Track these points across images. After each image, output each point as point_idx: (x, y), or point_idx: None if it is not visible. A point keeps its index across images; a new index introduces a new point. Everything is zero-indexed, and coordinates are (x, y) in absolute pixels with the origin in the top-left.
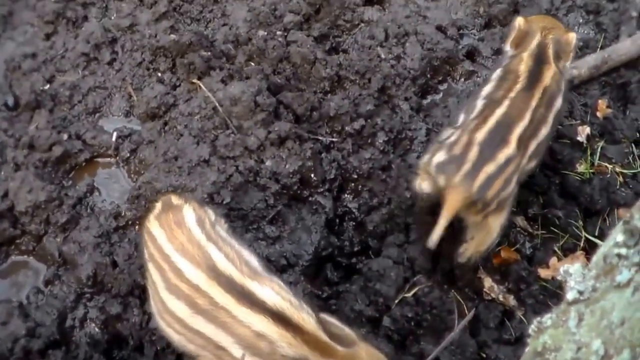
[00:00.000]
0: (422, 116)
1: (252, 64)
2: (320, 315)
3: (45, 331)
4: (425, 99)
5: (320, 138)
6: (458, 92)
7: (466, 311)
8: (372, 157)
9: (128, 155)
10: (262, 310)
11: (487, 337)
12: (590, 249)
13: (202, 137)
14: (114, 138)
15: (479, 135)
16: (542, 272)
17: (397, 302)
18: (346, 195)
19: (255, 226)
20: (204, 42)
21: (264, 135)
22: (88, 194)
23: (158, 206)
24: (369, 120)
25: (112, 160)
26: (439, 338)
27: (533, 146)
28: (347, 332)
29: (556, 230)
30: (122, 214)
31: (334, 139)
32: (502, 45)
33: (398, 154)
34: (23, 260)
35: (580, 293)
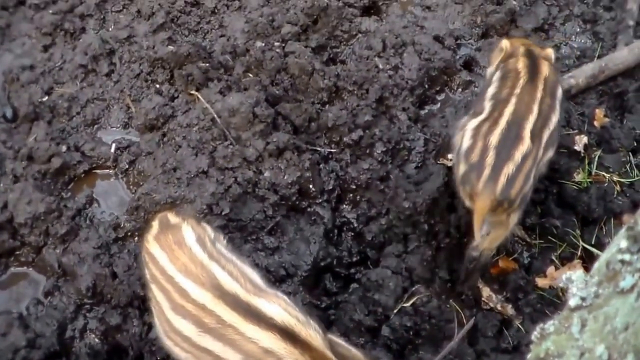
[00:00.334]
0: (420, 126)
1: (250, 75)
2: (328, 335)
3: (45, 342)
4: (423, 109)
5: (318, 149)
6: (456, 102)
7: (464, 320)
8: (370, 167)
9: (127, 166)
10: (270, 326)
11: (486, 346)
12: (587, 258)
13: (200, 149)
14: (112, 149)
15: (492, 138)
16: (540, 281)
17: (395, 312)
18: (344, 206)
19: (254, 237)
20: (202, 53)
21: (262, 146)
22: (87, 206)
23: (155, 225)
24: (367, 131)
25: (111, 171)
26: (437, 347)
27: (546, 136)
28: (354, 352)
29: (554, 240)
30: (122, 225)
31: (332, 150)
32: (488, 65)
33: (396, 164)
34: (23, 272)
35: (583, 299)
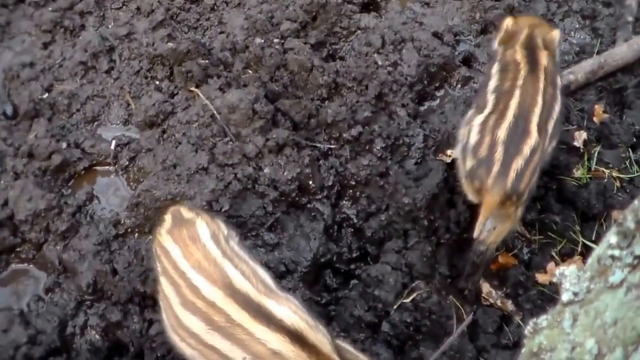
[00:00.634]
0: (419, 122)
1: (250, 71)
2: (336, 340)
3: (46, 338)
4: (422, 106)
5: (318, 145)
6: (455, 98)
7: (464, 316)
8: (370, 163)
9: (127, 163)
10: (279, 328)
11: (486, 342)
12: (587, 254)
13: (200, 145)
14: (112, 146)
15: (500, 133)
16: (540, 277)
17: (395, 308)
18: (344, 202)
19: (254, 233)
20: (202, 50)
21: (262, 143)
22: (87, 202)
23: (168, 219)
24: (366, 127)
25: (111, 168)
26: (437, 343)
27: (551, 127)
28: (361, 358)
29: (553, 236)
30: (122, 222)
31: (331, 146)
32: (492, 43)
33: (395, 160)
34: (23, 269)
35: (575, 294)
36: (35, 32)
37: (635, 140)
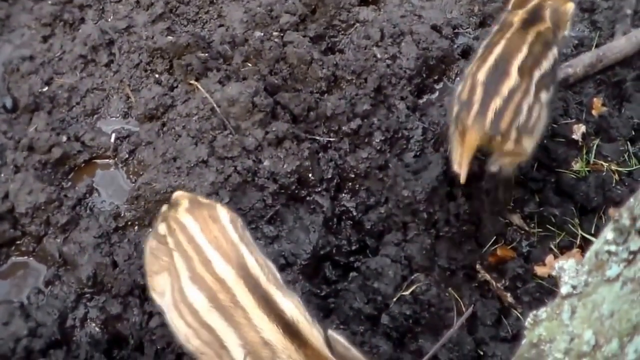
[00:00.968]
0: (418, 115)
1: (249, 64)
2: (329, 332)
3: (46, 331)
4: (421, 98)
5: (317, 138)
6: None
7: (463, 309)
8: (369, 156)
9: (127, 156)
10: (277, 319)
11: (485, 334)
12: (586, 247)
13: (200, 138)
14: (112, 139)
15: (480, 75)
16: (539, 270)
17: (395, 300)
18: (344, 195)
19: (253, 226)
20: (201, 43)
21: (261, 136)
22: (87, 195)
23: (184, 202)
24: (365, 120)
25: (111, 161)
26: (437, 336)
27: (537, 76)
28: (353, 353)
29: (552, 228)
30: (122, 215)
31: (331, 139)
32: (505, 5)
33: (395, 153)
34: (23, 261)
35: (574, 287)
36: (34, 25)
37: (633, 133)
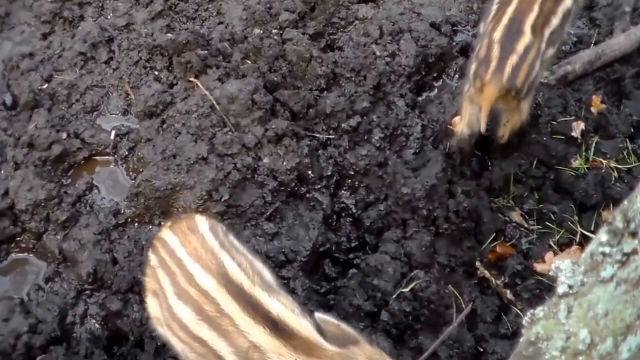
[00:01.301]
0: (417, 112)
1: (249, 62)
2: (317, 315)
3: (46, 327)
4: (420, 96)
5: (316, 135)
6: (453, 89)
7: (463, 306)
8: (369, 153)
9: (126, 153)
10: (263, 319)
11: (484, 331)
12: (585, 244)
13: (200, 135)
14: (112, 136)
15: (496, 34)
16: (538, 267)
17: (394, 297)
18: (343, 192)
19: (253, 223)
20: (201, 40)
21: (261, 133)
22: (87, 192)
23: (167, 222)
24: (364, 117)
25: (111, 158)
26: (436, 332)
27: (547, 34)
28: (343, 328)
29: (551, 225)
30: (122, 212)
31: (330, 136)
32: None
33: (394, 150)
34: (24, 258)
35: (570, 287)
36: (34, 22)
37: (632, 130)
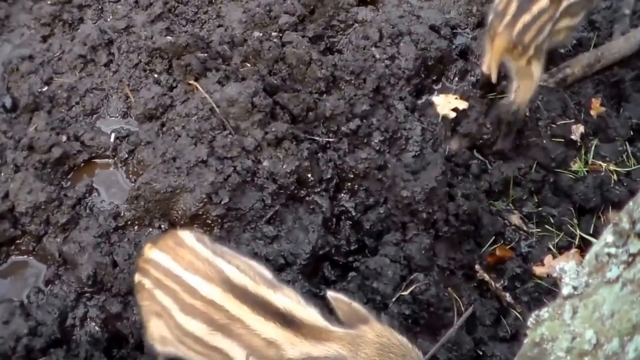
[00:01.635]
0: (417, 116)
1: (248, 65)
2: (329, 293)
3: (46, 330)
4: (419, 99)
5: (316, 138)
6: (452, 91)
7: (462, 309)
8: (368, 156)
9: (126, 156)
10: (272, 315)
11: (484, 334)
12: (584, 247)
13: (199, 138)
14: (112, 139)
15: None
16: (537, 270)
17: (394, 300)
18: (343, 195)
19: (253, 226)
20: (200, 43)
21: (261, 136)
22: (87, 195)
23: (146, 245)
24: (364, 120)
25: (111, 161)
26: (436, 335)
27: (565, 4)
28: (355, 310)
29: (551, 229)
30: (122, 214)
31: (330, 139)
32: None
33: (394, 153)
34: (23, 261)
35: (575, 289)
36: (34, 25)
37: (632, 133)
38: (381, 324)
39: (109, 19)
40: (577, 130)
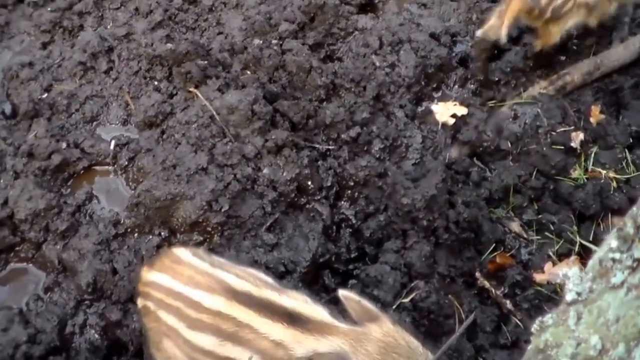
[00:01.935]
0: (417, 123)
1: (248, 72)
2: (340, 291)
3: (45, 337)
4: (419, 106)
5: (316, 146)
6: (452, 99)
7: (463, 316)
8: (368, 164)
9: (126, 163)
10: (280, 316)
11: (484, 341)
12: (584, 254)
13: (199, 146)
14: (112, 146)
15: None
16: (537, 277)
17: (394, 308)
18: (343, 202)
19: (253, 233)
20: (200, 51)
21: (261, 144)
22: (87, 202)
23: (143, 268)
24: (364, 128)
25: (111, 168)
26: (437, 342)
27: None
28: (365, 308)
29: (551, 236)
30: (122, 222)
31: (330, 147)
32: None
33: (394, 161)
34: (23, 268)
35: (579, 294)
36: (34, 32)
37: (631, 140)
38: (392, 324)
39: (109, 26)
40: (577, 138)
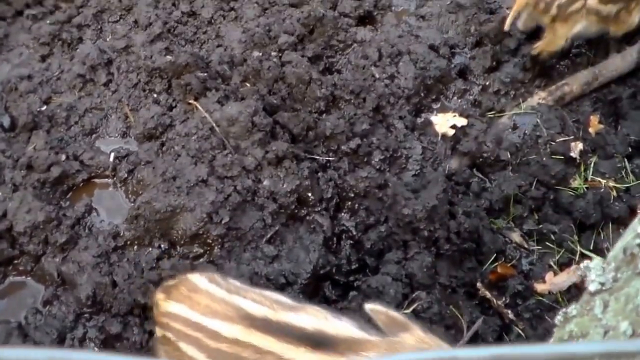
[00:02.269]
0: (416, 135)
1: (248, 84)
2: (367, 305)
3: None
4: (419, 118)
5: (316, 157)
6: (451, 110)
7: (464, 327)
8: (369, 175)
9: (126, 175)
10: (302, 339)
11: None
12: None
13: (199, 158)
14: (111, 159)
15: None
16: (539, 287)
17: None
18: (343, 214)
19: (253, 245)
20: (200, 63)
21: (261, 155)
22: (86, 214)
23: (160, 296)
24: (364, 139)
25: (110, 180)
26: None
27: None
28: (394, 318)
29: (551, 245)
30: (121, 234)
31: (330, 158)
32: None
33: (394, 172)
34: (21, 281)
35: (602, 284)
36: (33, 44)
37: (630, 150)
38: (423, 331)
39: (108, 39)
40: (576, 148)
